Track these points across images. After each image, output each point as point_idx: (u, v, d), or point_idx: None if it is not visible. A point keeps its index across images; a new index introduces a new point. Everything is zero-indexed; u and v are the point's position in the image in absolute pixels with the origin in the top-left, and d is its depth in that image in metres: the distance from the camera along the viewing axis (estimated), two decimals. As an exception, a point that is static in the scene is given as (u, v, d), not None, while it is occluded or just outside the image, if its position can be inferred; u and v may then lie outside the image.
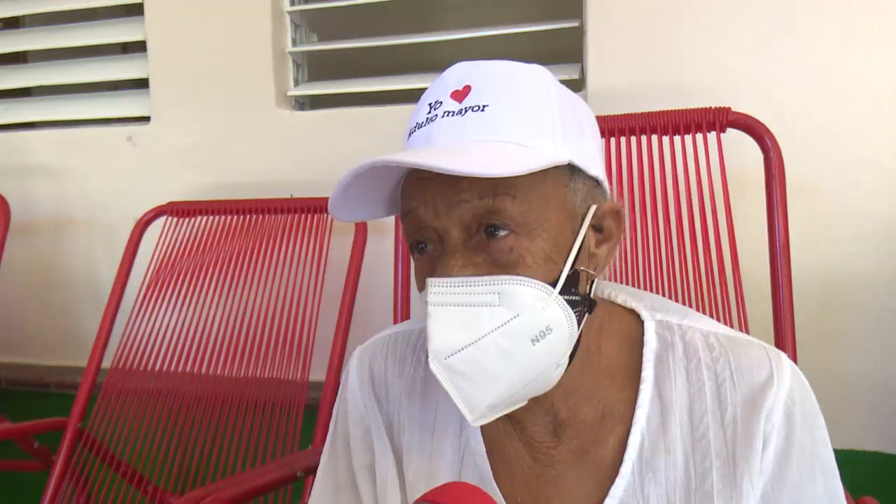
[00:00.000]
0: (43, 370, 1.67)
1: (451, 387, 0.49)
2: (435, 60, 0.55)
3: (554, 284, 0.49)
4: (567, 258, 0.50)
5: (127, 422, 1.30)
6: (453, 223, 0.49)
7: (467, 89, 0.51)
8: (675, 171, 1.02)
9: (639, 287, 0.99)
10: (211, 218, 1.40)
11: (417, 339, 0.65)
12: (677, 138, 1.02)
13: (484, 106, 0.50)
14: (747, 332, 0.94)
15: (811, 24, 1.13)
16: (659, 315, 0.58)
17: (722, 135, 1.00)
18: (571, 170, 0.52)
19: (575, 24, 1.30)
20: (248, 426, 1.24)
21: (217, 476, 1.22)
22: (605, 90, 1.23)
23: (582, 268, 0.52)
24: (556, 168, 0.50)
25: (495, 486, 0.57)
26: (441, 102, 0.51)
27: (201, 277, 1.35)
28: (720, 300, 0.96)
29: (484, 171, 0.44)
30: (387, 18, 1.69)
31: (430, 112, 0.52)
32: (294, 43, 1.52)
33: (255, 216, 1.37)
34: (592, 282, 0.53)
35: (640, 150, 1.03)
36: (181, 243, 1.40)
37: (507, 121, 0.50)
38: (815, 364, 1.11)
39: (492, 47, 1.39)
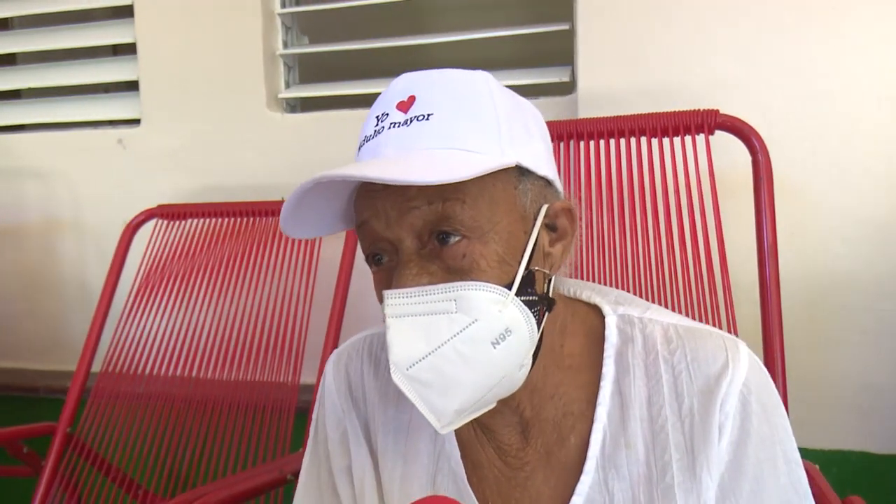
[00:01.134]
0: (32, 374, 1.65)
1: (415, 397, 0.49)
2: (425, 63, 0.55)
3: (509, 287, 0.50)
4: (521, 259, 0.51)
5: (117, 426, 1.30)
6: (405, 232, 0.50)
7: (412, 99, 0.52)
8: (664, 173, 1.02)
9: (627, 290, 1.00)
10: (201, 221, 1.39)
11: None
12: (666, 140, 1.02)
13: (429, 115, 0.50)
14: (736, 332, 0.94)
15: (799, 26, 1.14)
16: (621, 309, 0.58)
17: (710, 137, 1.00)
18: (520, 171, 0.52)
19: (565, 26, 1.30)
20: (239, 429, 1.23)
21: (207, 479, 1.21)
22: (595, 93, 1.24)
23: (537, 268, 0.52)
24: (505, 171, 0.51)
25: (469, 489, 0.58)
26: (387, 114, 0.52)
27: (191, 280, 1.35)
28: (709, 302, 0.97)
29: (428, 178, 0.45)
30: (378, 21, 1.69)
31: (377, 125, 0.52)
32: (285, 45, 1.52)
33: (245, 219, 1.37)
34: (550, 280, 0.54)
35: (630, 152, 1.04)
36: (171, 246, 1.39)
37: (451, 128, 0.50)
38: (803, 365, 1.12)
39: (482, 50, 1.39)
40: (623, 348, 0.56)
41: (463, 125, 0.50)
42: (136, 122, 1.59)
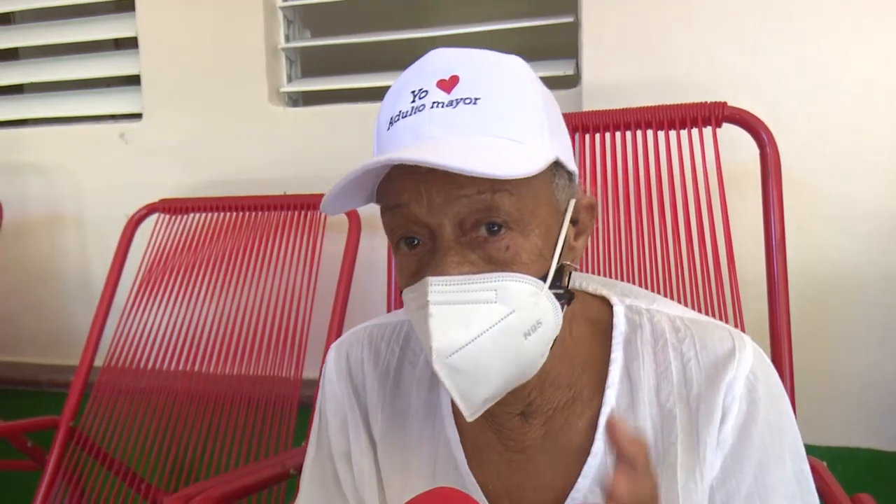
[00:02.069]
0: (35, 368, 1.66)
1: (451, 385, 0.49)
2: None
3: (544, 279, 0.50)
4: (554, 253, 0.51)
5: (120, 420, 1.30)
6: (448, 219, 0.48)
7: (454, 80, 0.50)
8: (670, 166, 1.01)
9: (634, 283, 0.99)
10: (203, 215, 1.39)
11: (392, 332, 0.65)
12: (672, 133, 1.01)
13: (476, 99, 0.49)
14: (743, 327, 0.93)
15: (806, 18, 1.12)
16: (628, 300, 0.59)
17: (717, 130, 0.99)
18: (556, 165, 0.52)
19: (569, 19, 1.29)
20: (242, 424, 1.23)
21: (210, 473, 1.21)
22: (599, 86, 1.22)
23: (567, 262, 0.53)
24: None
25: (469, 473, 0.58)
26: (427, 91, 0.50)
27: (194, 275, 1.34)
28: (715, 297, 0.96)
29: (496, 170, 0.44)
30: (380, 14, 1.68)
31: (414, 101, 0.50)
32: (287, 39, 1.51)
33: (247, 213, 1.37)
34: (570, 274, 0.54)
35: (636, 145, 1.02)
36: (173, 240, 1.39)
37: (500, 116, 0.49)
38: (809, 360, 1.11)
39: (485, 43, 1.37)
40: (631, 336, 0.57)
41: (511, 115, 0.49)
42: (138, 116, 1.58)
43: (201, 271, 1.34)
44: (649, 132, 1.02)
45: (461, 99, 0.49)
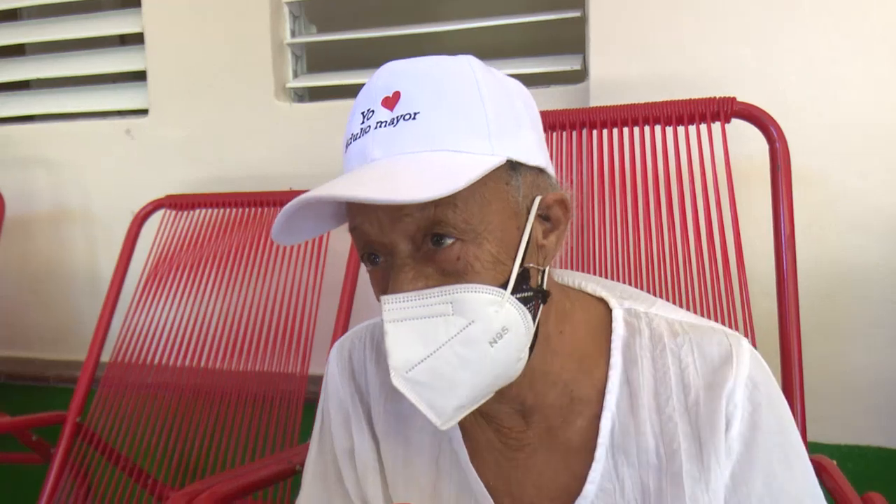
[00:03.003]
0: (42, 364, 1.66)
1: (415, 398, 0.50)
2: (435, 51, 0.53)
3: (505, 285, 0.50)
4: (515, 257, 0.51)
5: (126, 415, 1.30)
6: (399, 237, 0.49)
7: (397, 95, 0.50)
8: (679, 162, 1.00)
9: (642, 281, 0.98)
10: (209, 211, 1.39)
11: None
12: (681, 129, 1.00)
13: (415, 114, 0.49)
14: (752, 325, 0.93)
15: (815, 12, 1.11)
16: (627, 303, 0.59)
17: (726, 125, 0.98)
18: (511, 166, 0.51)
19: (577, 13, 1.28)
20: (248, 420, 1.23)
21: (216, 469, 1.21)
22: (607, 81, 1.22)
23: (531, 264, 0.52)
24: (496, 167, 0.50)
25: (472, 468, 0.59)
26: (373, 111, 0.51)
27: (200, 271, 1.34)
28: (724, 294, 0.95)
29: (417, 195, 0.44)
30: (386, 9, 1.68)
31: (363, 122, 0.51)
32: (293, 34, 1.50)
33: (253, 209, 1.36)
34: (544, 273, 0.54)
35: (643, 141, 1.02)
36: (180, 236, 1.39)
37: (438, 127, 0.49)
38: (819, 358, 1.10)
39: (492, 38, 1.37)
40: (630, 340, 0.57)
41: (450, 124, 0.49)
42: (144, 112, 1.58)
43: (207, 267, 1.34)
44: (657, 128, 1.01)
45: (402, 116, 0.50)
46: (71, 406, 1.29)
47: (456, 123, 0.49)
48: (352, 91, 1.45)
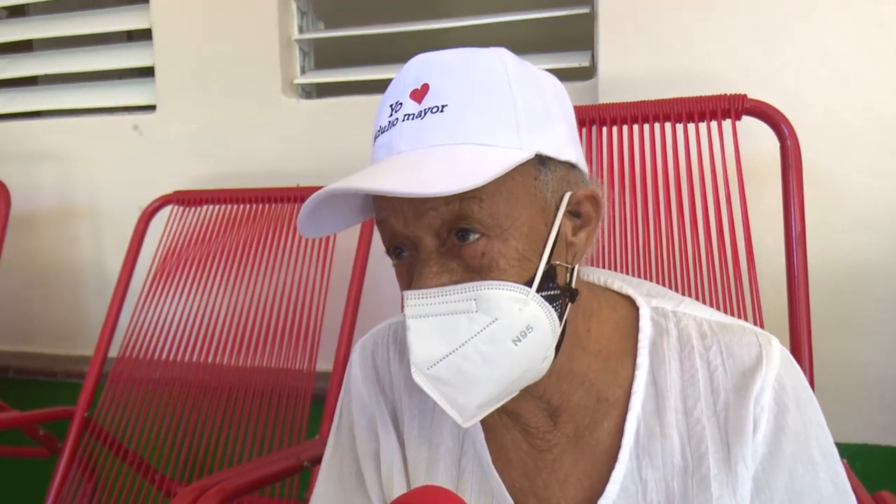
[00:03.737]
0: (50, 359, 1.67)
1: (437, 395, 0.50)
2: (443, 48, 0.53)
3: (530, 283, 0.49)
4: (542, 254, 0.50)
5: (134, 411, 1.30)
6: (424, 231, 0.49)
7: (425, 88, 0.50)
8: (689, 160, 1.00)
9: (652, 278, 0.98)
10: (217, 207, 1.39)
11: None
12: (691, 126, 1.00)
13: (443, 106, 0.49)
14: (762, 322, 0.92)
15: (826, 9, 1.11)
16: (654, 301, 0.58)
17: (737, 123, 0.98)
18: (540, 160, 0.50)
19: (586, 10, 1.28)
20: (255, 416, 1.23)
21: (224, 465, 1.22)
22: (616, 77, 1.21)
23: (559, 262, 0.51)
24: (524, 162, 0.49)
25: (493, 470, 0.58)
26: (401, 104, 0.50)
27: (207, 267, 1.35)
28: (734, 292, 0.94)
29: (441, 188, 0.43)
30: (394, 5, 1.67)
31: (391, 115, 0.51)
32: (300, 30, 1.50)
33: (261, 205, 1.36)
34: (573, 271, 0.53)
35: (653, 138, 1.01)
36: (187, 232, 1.39)
37: (466, 121, 0.48)
38: (828, 356, 1.09)
39: (500, 34, 1.37)
40: (658, 340, 0.56)
41: (478, 117, 0.49)
42: (152, 108, 1.58)
43: (215, 263, 1.34)
44: (667, 125, 1.00)
45: (429, 108, 0.49)
46: (79, 401, 1.29)
47: (484, 116, 0.49)
48: (359, 87, 1.46)
